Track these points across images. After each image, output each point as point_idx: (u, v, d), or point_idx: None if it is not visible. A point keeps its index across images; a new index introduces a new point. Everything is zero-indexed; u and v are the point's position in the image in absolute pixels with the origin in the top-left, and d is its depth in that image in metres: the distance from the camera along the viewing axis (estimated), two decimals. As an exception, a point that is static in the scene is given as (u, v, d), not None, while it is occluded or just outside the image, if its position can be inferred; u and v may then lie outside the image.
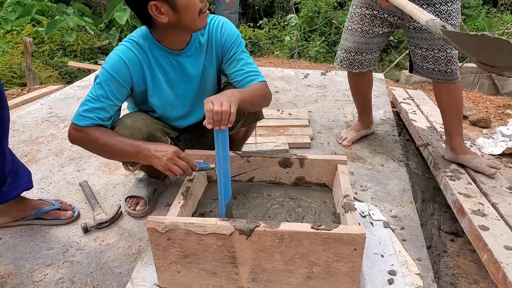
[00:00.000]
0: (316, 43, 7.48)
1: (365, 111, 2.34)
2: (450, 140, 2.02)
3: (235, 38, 1.51)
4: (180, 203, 1.28)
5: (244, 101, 1.32)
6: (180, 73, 1.49)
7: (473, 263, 1.57)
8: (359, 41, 2.00)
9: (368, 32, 1.96)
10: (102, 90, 1.36)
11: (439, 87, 1.95)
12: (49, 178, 1.93)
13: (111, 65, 1.38)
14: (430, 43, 1.82)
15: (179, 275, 1.22)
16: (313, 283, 1.20)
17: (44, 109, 2.80)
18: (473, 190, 1.77)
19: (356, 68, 2.08)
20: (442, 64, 1.84)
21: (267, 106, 1.59)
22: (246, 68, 1.50)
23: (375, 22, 1.93)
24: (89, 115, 1.35)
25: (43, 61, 6.82)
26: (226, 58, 1.52)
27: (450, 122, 1.99)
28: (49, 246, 1.47)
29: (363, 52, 2.03)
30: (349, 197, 1.32)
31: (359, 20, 1.96)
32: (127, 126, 1.42)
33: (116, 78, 1.37)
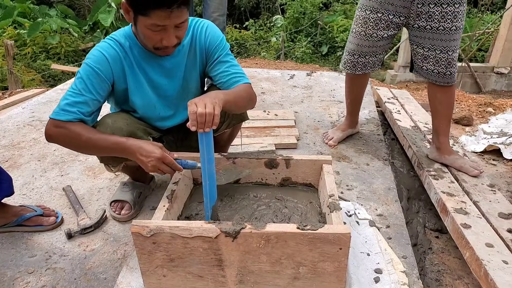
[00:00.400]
0: (302, 44, 7.52)
1: (355, 110, 2.36)
2: (437, 140, 2.03)
3: (220, 41, 1.51)
4: (165, 207, 1.27)
5: (229, 102, 1.32)
6: (161, 74, 1.48)
7: (457, 259, 1.60)
8: (362, 44, 1.99)
9: (372, 35, 1.94)
10: (83, 84, 1.33)
11: (435, 89, 1.95)
12: (31, 184, 1.89)
13: (93, 60, 1.35)
14: (432, 43, 1.82)
15: (165, 279, 1.21)
16: (300, 284, 1.20)
17: (26, 113, 2.75)
18: (455, 189, 1.80)
19: (359, 70, 2.08)
20: (442, 66, 1.85)
21: (252, 108, 1.59)
22: (231, 70, 1.49)
23: (379, 25, 1.91)
24: (71, 109, 1.31)
25: (26, 64, 6.70)
26: (211, 61, 1.51)
27: (440, 123, 2.00)
28: (31, 253, 1.44)
29: (366, 55, 2.02)
30: (334, 196, 1.32)
31: (363, 24, 1.94)
32: (108, 125, 1.40)
33: (98, 73, 1.35)
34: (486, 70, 5.30)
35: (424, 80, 2.04)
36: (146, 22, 1.24)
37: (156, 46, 1.33)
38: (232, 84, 1.48)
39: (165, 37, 1.29)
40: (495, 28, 5.90)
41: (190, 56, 1.50)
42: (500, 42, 5.15)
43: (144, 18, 1.23)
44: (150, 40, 1.31)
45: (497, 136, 2.60)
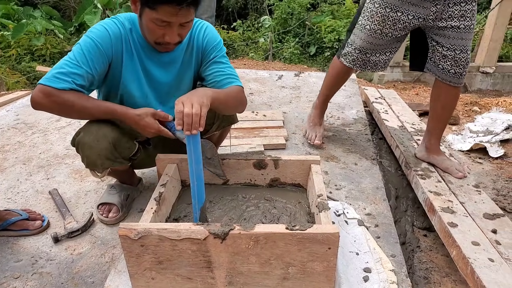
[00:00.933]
0: (290, 45, 7.54)
1: (329, 99, 2.36)
2: (428, 140, 2.04)
3: (217, 43, 1.51)
4: (153, 209, 1.26)
5: (218, 100, 1.30)
6: (156, 66, 1.46)
7: (445, 257, 1.62)
8: (376, 43, 1.93)
9: (388, 34, 1.88)
10: (82, 56, 1.29)
11: (441, 89, 1.92)
12: (16, 187, 1.86)
13: (95, 34, 1.32)
14: (452, 43, 1.78)
15: (154, 281, 1.20)
16: (289, 284, 1.20)
17: (10, 115, 2.71)
18: (442, 188, 1.82)
19: (370, 68, 2.03)
20: (461, 67, 1.82)
21: (241, 112, 1.59)
22: (226, 71, 1.49)
23: (397, 25, 1.84)
24: (66, 78, 1.26)
25: (10, 66, 6.57)
26: (206, 61, 1.50)
27: (437, 126, 2.00)
28: (17, 258, 1.42)
29: (378, 53, 1.97)
30: (323, 196, 1.33)
31: (380, 22, 1.85)
32: (92, 132, 1.38)
33: (99, 47, 1.32)
34: (472, 69, 5.38)
35: (411, 80, 2.04)
36: (152, 15, 1.23)
37: (157, 41, 1.32)
38: (226, 84, 1.47)
39: (168, 33, 1.28)
40: (480, 28, 6.00)
41: (186, 54, 1.49)
42: (485, 42, 5.24)
43: (150, 11, 1.22)
44: (153, 34, 1.30)
45: (483, 134, 2.65)
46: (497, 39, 5.09)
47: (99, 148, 1.38)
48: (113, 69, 1.41)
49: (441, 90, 1.93)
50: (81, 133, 1.40)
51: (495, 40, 5.13)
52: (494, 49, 5.26)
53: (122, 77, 1.42)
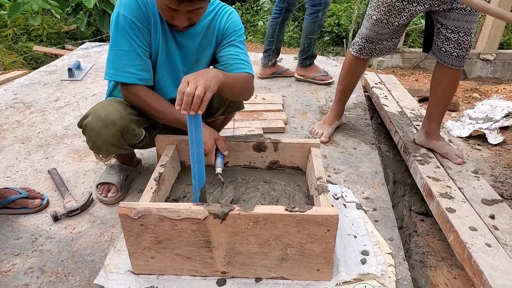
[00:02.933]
0: (289, 28, 7.45)
1: (346, 98, 2.30)
2: (428, 125, 2.04)
3: (238, 29, 1.51)
4: (152, 189, 1.26)
5: (226, 84, 1.26)
6: (175, 44, 1.47)
7: (441, 241, 1.64)
8: (381, 32, 1.92)
9: (393, 24, 1.88)
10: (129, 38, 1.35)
11: (442, 73, 1.91)
12: (16, 166, 1.85)
13: (129, 10, 1.33)
14: (457, 25, 1.77)
15: (153, 260, 1.21)
16: (287, 265, 1.21)
17: (8, 95, 2.68)
18: (441, 174, 1.83)
19: (376, 55, 2.03)
20: (464, 49, 1.81)
21: (247, 99, 1.58)
22: (241, 56, 1.49)
23: (403, 13, 1.83)
24: (131, 69, 1.36)
25: (7, 46, 6.48)
26: (224, 42, 1.50)
27: (437, 110, 2.00)
28: (17, 235, 1.42)
29: (384, 40, 1.97)
30: (322, 179, 1.33)
31: (386, 11, 1.84)
32: (101, 117, 1.36)
33: (137, 23, 1.34)
34: (472, 56, 5.34)
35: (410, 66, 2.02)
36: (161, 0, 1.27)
37: (168, 22, 1.36)
38: (237, 69, 1.46)
39: (176, 17, 1.30)
40: (482, 14, 5.94)
41: (207, 37, 1.49)
42: (486, 29, 5.18)
43: None
44: (164, 15, 1.34)
45: (482, 121, 2.65)
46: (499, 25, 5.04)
47: (107, 135, 1.37)
48: None
49: (442, 73, 1.92)
50: (89, 116, 1.39)
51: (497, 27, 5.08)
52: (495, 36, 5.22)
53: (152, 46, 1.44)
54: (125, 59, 1.35)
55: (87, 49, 3.82)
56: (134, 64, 1.36)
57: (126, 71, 1.35)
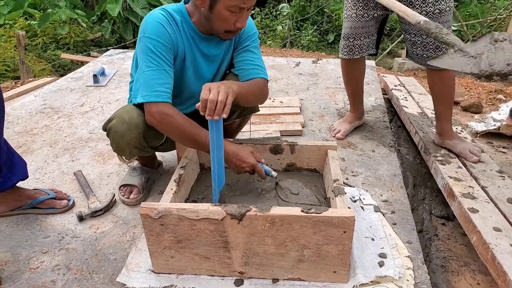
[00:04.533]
0: (308, 32, 7.46)
1: (357, 100, 2.33)
2: (439, 125, 2.04)
3: (253, 34, 1.54)
4: (172, 190, 1.30)
5: (240, 95, 1.31)
6: (202, 58, 1.50)
7: (464, 246, 1.61)
8: (355, 26, 1.99)
9: (363, 16, 1.95)
10: (158, 58, 1.34)
11: (432, 74, 1.95)
12: (44, 168, 1.94)
13: (156, 33, 1.35)
14: (418, 28, 1.80)
15: (173, 260, 1.25)
16: (304, 266, 1.22)
17: (38, 101, 2.80)
18: (463, 174, 1.79)
19: (357, 54, 2.07)
20: (431, 50, 1.84)
21: (261, 104, 1.61)
22: (256, 62, 1.51)
23: (369, 5, 1.92)
24: (160, 88, 1.33)
25: (36, 54, 6.76)
26: (239, 48, 1.53)
27: (441, 108, 2.01)
28: (45, 234, 1.49)
29: (361, 36, 2.02)
30: (339, 181, 1.34)
31: (352, 6, 1.96)
32: (125, 121, 1.42)
33: (164, 44, 1.35)
34: (498, 58, 5.21)
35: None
36: (229, 3, 1.28)
37: (229, 29, 1.36)
38: (252, 74, 1.49)
39: (239, 19, 1.33)
40: (507, 14, 5.78)
41: (227, 42, 1.53)
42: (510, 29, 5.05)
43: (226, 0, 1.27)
44: (226, 23, 1.34)
45: (506, 123, 2.58)
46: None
47: (130, 137, 1.43)
48: None
49: (432, 75, 1.96)
50: (113, 120, 1.45)
51: (524, 27, 4.94)
52: (522, 37, 5.07)
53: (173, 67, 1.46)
54: (155, 78, 1.34)
55: (111, 56, 3.94)
56: (163, 83, 1.35)
57: (155, 89, 1.33)
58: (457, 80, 3.84)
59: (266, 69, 1.54)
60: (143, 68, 1.34)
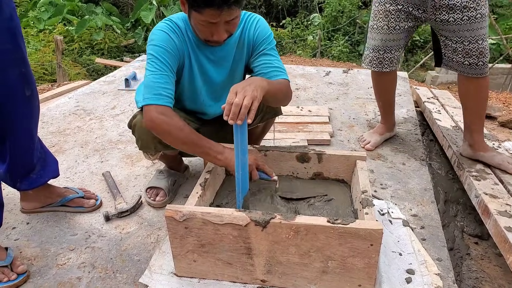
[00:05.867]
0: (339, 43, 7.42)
1: (389, 111, 2.27)
2: (470, 136, 1.96)
3: (268, 36, 1.53)
4: (198, 193, 1.30)
5: (269, 92, 1.30)
6: (209, 62, 1.50)
7: (498, 267, 1.52)
8: (387, 39, 1.95)
9: (395, 28, 1.91)
10: (162, 64, 1.35)
11: (467, 82, 1.87)
12: (74, 168, 1.99)
13: (160, 41, 1.37)
14: (459, 35, 1.76)
15: (195, 264, 1.24)
16: (328, 278, 1.19)
17: (72, 102, 2.90)
18: (500, 191, 1.71)
19: (387, 67, 2.02)
20: (474, 57, 1.78)
21: (285, 105, 1.59)
22: (274, 63, 1.50)
23: (401, 17, 1.88)
24: (164, 92, 1.32)
25: (73, 58, 7.04)
26: (256, 53, 1.52)
27: (473, 119, 1.93)
28: (73, 232, 1.52)
29: (392, 49, 1.98)
30: (367, 193, 1.30)
31: (384, 17, 1.91)
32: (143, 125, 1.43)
33: (169, 51, 1.37)
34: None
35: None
36: (199, 17, 1.27)
37: (207, 39, 1.37)
38: (272, 77, 1.47)
39: (215, 32, 1.32)
40: None
41: (238, 48, 1.52)
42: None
43: (196, 14, 1.27)
44: (202, 34, 1.35)
45: (546, 140, 2.45)
46: None
47: None
48: (179, 70, 1.46)
49: (467, 84, 1.88)
50: (137, 116, 1.47)
51: None
52: None
53: (182, 77, 1.48)
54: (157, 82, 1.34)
55: (143, 61, 4.04)
56: (165, 87, 1.34)
57: (157, 93, 1.32)
58: (494, 95, 3.70)
59: (285, 69, 1.53)
60: (147, 73, 1.36)
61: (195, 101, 1.56)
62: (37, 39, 7.37)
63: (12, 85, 1.28)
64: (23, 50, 1.30)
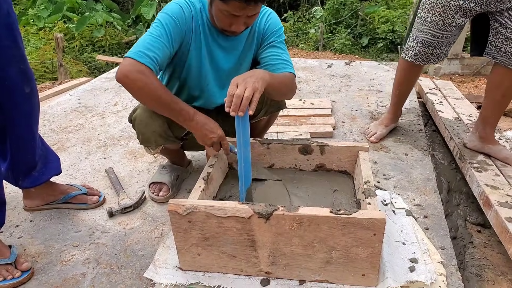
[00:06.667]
0: (341, 35, 7.37)
1: (401, 102, 2.25)
2: (482, 129, 1.93)
3: (278, 29, 1.53)
4: (201, 187, 1.30)
5: (272, 85, 1.29)
6: (219, 48, 1.49)
7: (501, 254, 1.53)
8: (440, 35, 1.86)
9: (451, 24, 1.80)
10: (163, 30, 1.32)
11: (503, 75, 1.80)
12: (77, 165, 2.00)
13: (171, 11, 1.36)
14: None
15: (200, 257, 1.25)
16: (332, 268, 1.19)
17: (73, 100, 2.91)
18: (501, 182, 1.70)
19: (433, 61, 1.97)
20: None
21: (290, 98, 1.59)
22: (282, 56, 1.50)
23: (459, 13, 1.76)
24: (149, 53, 1.27)
25: (74, 56, 7.03)
26: (264, 44, 1.52)
27: (493, 113, 1.89)
28: (76, 228, 1.53)
29: (442, 45, 1.91)
30: (370, 183, 1.30)
31: (441, 12, 1.78)
32: (149, 109, 1.44)
33: (177, 23, 1.35)
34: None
35: (470, 73, 1.92)
36: (222, 7, 1.27)
37: (224, 29, 1.37)
38: (280, 69, 1.47)
39: (234, 23, 1.32)
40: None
41: (248, 40, 1.52)
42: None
43: (220, 2, 1.26)
44: (220, 22, 1.35)
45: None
46: None
47: (154, 125, 1.44)
48: (182, 49, 1.44)
49: (503, 76, 1.80)
50: (137, 110, 1.47)
51: None
52: None
53: (188, 58, 1.46)
54: (149, 43, 1.29)
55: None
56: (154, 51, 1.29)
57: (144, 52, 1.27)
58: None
59: (292, 63, 1.52)
60: (145, 33, 1.34)
61: (200, 85, 1.54)
62: (37, 37, 7.36)
63: (11, 82, 1.28)
64: (21, 46, 1.30)
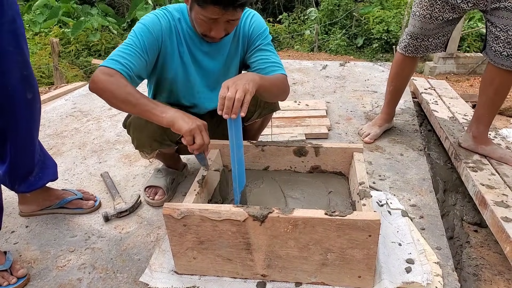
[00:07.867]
0: (336, 36, 7.39)
1: (394, 100, 2.26)
2: (476, 129, 1.94)
3: (263, 31, 1.52)
4: (195, 191, 1.30)
5: (263, 87, 1.29)
6: (203, 54, 1.49)
7: (498, 254, 1.53)
8: (426, 28, 1.91)
9: (438, 18, 1.86)
10: (136, 39, 1.33)
11: (494, 73, 1.82)
12: (73, 170, 2.00)
13: (147, 21, 1.37)
14: (506, 23, 1.69)
15: (195, 261, 1.25)
16: (328, 270, 1.19)
17: (68, 104, 2.90)
18: (496, 182, 1.71)
19: (421, 53, 2.02)
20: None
21: (283, 100, 1.58)
22: (271, 58, 1.50)
23: (446, 7, 1.82)
24: (122, 60, 1.28)
25: (70, 61, 7.02)
26: (251, 48, 1.52)
27: (487, 112, 1.90)
28: (72, 233, 1.53)
29: (430, 37, 1.95)
30: (365, 184, 1.30)
31: (428, 6, 1.85)
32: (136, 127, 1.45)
33: (151, 32, 1.35)
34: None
35: (465, 72, 1.93)
36: (201, 12, 1.26)
37: (204, 34, 1.36)
38: (270, 72, 1.47)
39: (214, 28, 1.31)
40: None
41: (233, 43, 1.52)
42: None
43: (199, 8, 1.26)
44: (200, 28, 1.35)
45: (544, 127, 2.45)
46: None
47: (149, 130, 1.44)
48: (163, 58, 1.45)
49: (494, 74, 1.82)
50: (132, 115, 1.47)
51: None
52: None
53: (171, 65, 1.46)
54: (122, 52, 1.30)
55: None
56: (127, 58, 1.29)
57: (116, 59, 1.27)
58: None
59: (282, 64, 1.52)
60: (122, 44, 1.34)
61: (190, 92, 1.55)
62: (33, 42, 7.34)
63: (14, 87, 1.28)
64: (26, 53, 1.29)
